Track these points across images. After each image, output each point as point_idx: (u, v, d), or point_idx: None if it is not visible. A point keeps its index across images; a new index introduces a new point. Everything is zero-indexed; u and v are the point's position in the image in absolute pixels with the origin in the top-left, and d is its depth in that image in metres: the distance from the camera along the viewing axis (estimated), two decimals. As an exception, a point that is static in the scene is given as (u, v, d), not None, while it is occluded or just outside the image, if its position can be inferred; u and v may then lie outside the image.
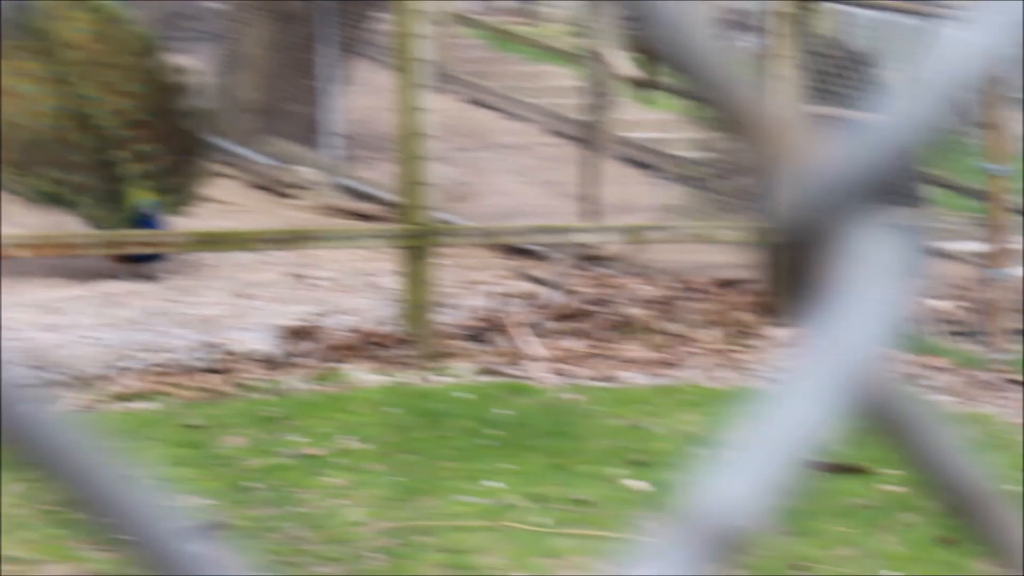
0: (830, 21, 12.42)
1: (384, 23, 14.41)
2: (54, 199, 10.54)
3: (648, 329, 9.38)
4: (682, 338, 9.24)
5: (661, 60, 0.78)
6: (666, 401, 7.98)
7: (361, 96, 14.42)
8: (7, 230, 9.13)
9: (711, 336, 9.29)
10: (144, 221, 10.33)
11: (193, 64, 11.31)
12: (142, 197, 10.58)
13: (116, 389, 8.06)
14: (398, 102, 8.95)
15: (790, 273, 0.79)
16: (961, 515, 0.83)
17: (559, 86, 15.14)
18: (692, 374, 8.64)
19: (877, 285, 0.78)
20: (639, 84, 12.88)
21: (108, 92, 10.79)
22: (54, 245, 8.38)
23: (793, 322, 0.78)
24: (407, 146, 8.84)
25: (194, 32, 14.68)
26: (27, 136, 10.56)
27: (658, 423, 7.50)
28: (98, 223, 10.52)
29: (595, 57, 12.13)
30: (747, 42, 11.77)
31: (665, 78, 12.53)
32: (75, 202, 10.62)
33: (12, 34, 10.52)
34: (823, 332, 0.77)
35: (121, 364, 8.46)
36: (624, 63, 11.73)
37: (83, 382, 8.19)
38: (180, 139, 11.03)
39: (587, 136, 12.28)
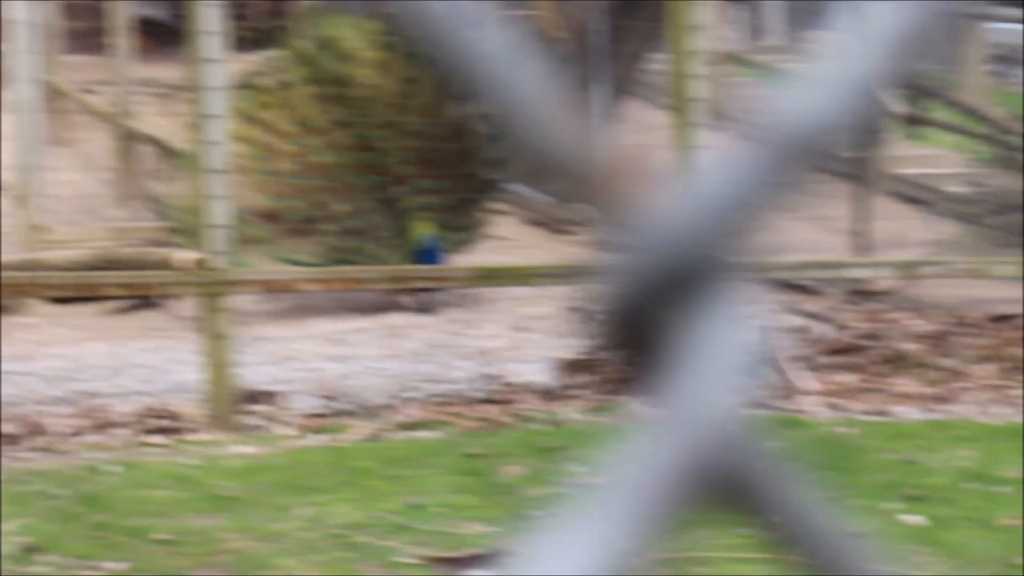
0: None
1: (655, 63, 14.60)
2: (339, 259, 10.77)
3: (921, 364, 9.35)
4: (956, 373, 9.19)
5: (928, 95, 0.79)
6: (940, 436, 7.96)
7: (632, 134, 14.63)
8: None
9: (985, 371, 9.22)
10: (426, 255, 10.65)
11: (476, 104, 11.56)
12: (424, 231, 10.91)
13: (400, 418, 8.35)
14: (674, 140, 9.11)
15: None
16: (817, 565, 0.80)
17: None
18: (966, 409, 8.59)
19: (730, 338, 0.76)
20: (909, 120, 12.82)
21: (395, 131, 11.11)
22: (341, 279, 8.75)
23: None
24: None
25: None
26: (306, 196, 10.87)
27: (932, 458, 7.48)
28: (382, 258, 10.86)
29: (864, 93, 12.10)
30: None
31: (935, 113, 12.47)
32: (360, 250, 10.91)
33: (302, 77, 10.96)
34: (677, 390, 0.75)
35: (405, 394, 8.75)
36: (894, 99, 11.70)
37: (369, 411, 8.51)
38: (467, 177, 11.31)
39: (858, 172, 12.27)
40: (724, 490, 0.76)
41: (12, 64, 11.48)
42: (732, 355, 0.77)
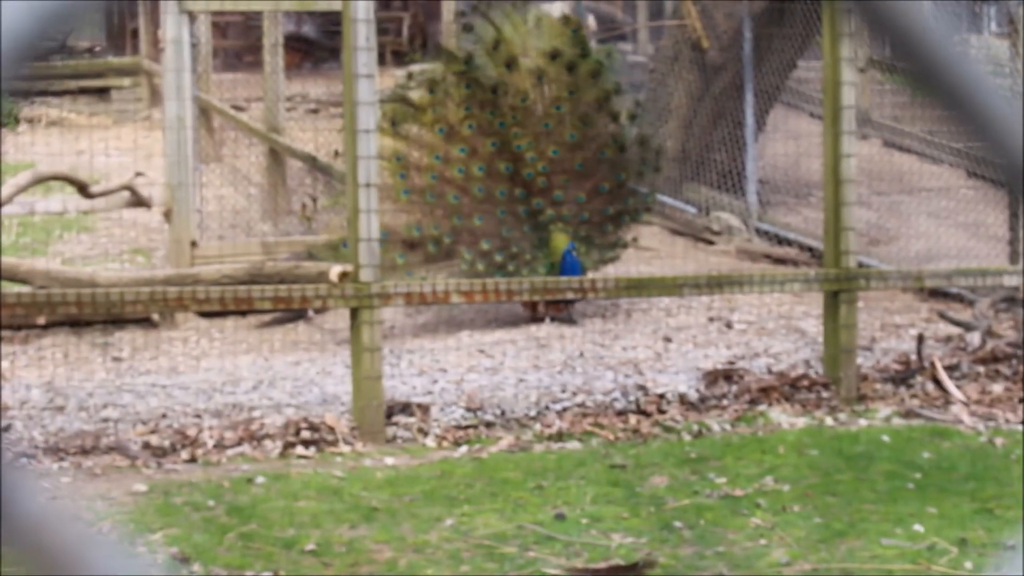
0: None
1: (802, 70, 14.46)
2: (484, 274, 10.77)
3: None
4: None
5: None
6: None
7: (779, 142, 14.52)
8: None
9: None
10: (567, 264, 10.67)
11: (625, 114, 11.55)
12: (561, 238, 10.93)
13: (545, 429, 8.36)
14: (825, 149, 9.05)
15: None
16: None
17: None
18: (1123, 419, 8.39)
19: None
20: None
21: (546, 141, 11.13)
22: (488, 291, 8.78)
23: None
24: (832, 192, 8.91)
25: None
26: (448, 214, 10.91)
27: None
28: (527, 269, 10.89)
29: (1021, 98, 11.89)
30: None
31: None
32: (503, 265, 10.94)
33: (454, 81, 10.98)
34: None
35: (550, 405, 8.76)
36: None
37: (516, 422, 8.53)
38: (614, 190, 11.30)
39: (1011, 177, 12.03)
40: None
41: (165, 82, 11.69)
42: None
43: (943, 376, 9.03)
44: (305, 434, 8.06)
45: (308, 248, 11.31)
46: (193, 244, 11.51)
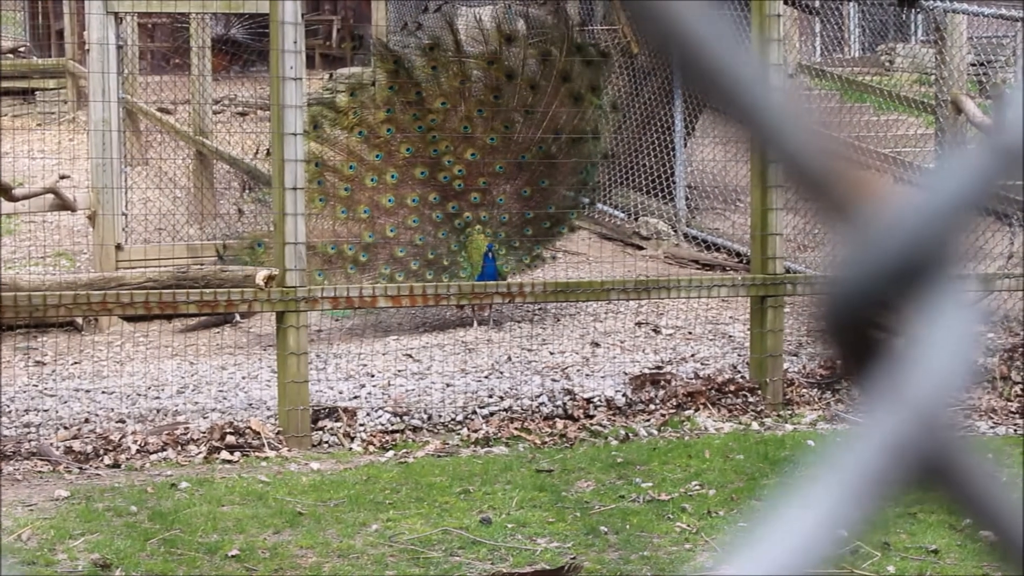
0: None
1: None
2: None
3: (1005, 378, 9.23)
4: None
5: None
6: (1014, 452, 7.85)
7: (708, 148, 14.57)
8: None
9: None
10: (485, 263, 10.68)
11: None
12: (480, 240, 10.92)
13: (473, 434, 8.35)
14: (752, 154, 9.07)
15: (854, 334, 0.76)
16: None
17: (909, 135, 14.97)
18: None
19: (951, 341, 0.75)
20: (989, 131, 12.66)
21: (469, 146, 11.11)
22: (415, 295, 8.75)
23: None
24: (760, 197, 8.95)
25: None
26: (371, 221, 10.88)
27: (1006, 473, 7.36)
28: (446, 275, 10.86)
29: (947, 105, 12.00)
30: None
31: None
32: (420, 271, 10.91)
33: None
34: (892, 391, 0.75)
35: (477, 410, 8.75)
36: (975, 110, 11.57)
37: (442, 427, 8.51)
38: (538, 191, 11.30)
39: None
40: (934, 484, 0.78)
41: (91, 84, 11.59)
42: (957, 356, 0.77)
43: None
44: (230, 439, 8.01)
45: (216, 248, 11.22)
46: (118, 247, 11.42)
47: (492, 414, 8.68)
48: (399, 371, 9.68)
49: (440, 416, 8.63)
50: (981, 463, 0.80)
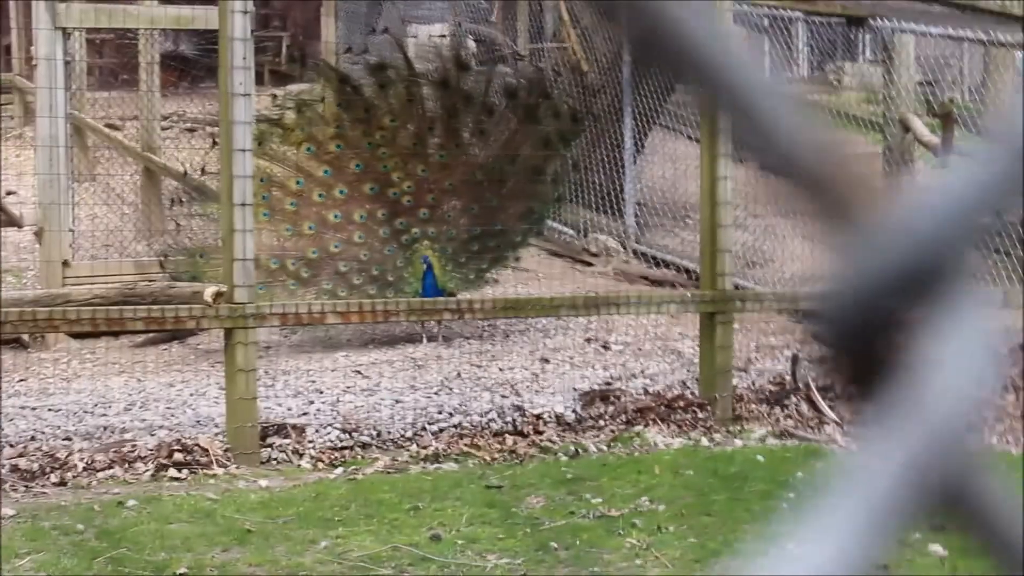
0: None
1: (680, 93, 14.57)
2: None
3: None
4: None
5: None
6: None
7: (657, 165, 14.61)
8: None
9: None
10: (425, 276, 10.72)
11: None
12: (423, 252, 10.94)
13: (422, 450, 8.33)
14: (702, 172, 9.10)
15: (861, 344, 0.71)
16: None
17: (858, 154, 15.03)
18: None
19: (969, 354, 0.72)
20: (937, 150, 12.75)
21: (418, 162, 11.11)
22: (365, 312, 8.72)
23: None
24: (709, 214, 8.97)
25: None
26: (318, 236, 10.86)
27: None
28: (391, 291, 10.85)
29: (895, 123, 12.07)
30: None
31: (963, 143, 12.38)
32: (363, 286, 10.90)
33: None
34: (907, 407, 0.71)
35: (427, 426, 8.73)
36: (923, 129, 11.64)
37: (392, 443, 8.49)
38: (485, 209, 11.30)
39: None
40: (948, 503, 0.73)
41: (38, 100, 11.51)
42: (976, 365, 0.73)
43: (817, 397, 9.11)
44: (178, 456, 7.96)
45: (160, 261, 11.16)
46: (65, 264, 11.33)
47: (442, 430, 8.66)
48: (348, 387, 9.64)
49: (389, 432, 8.60)
50: (1006, 488, 0.76)
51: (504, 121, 11.30)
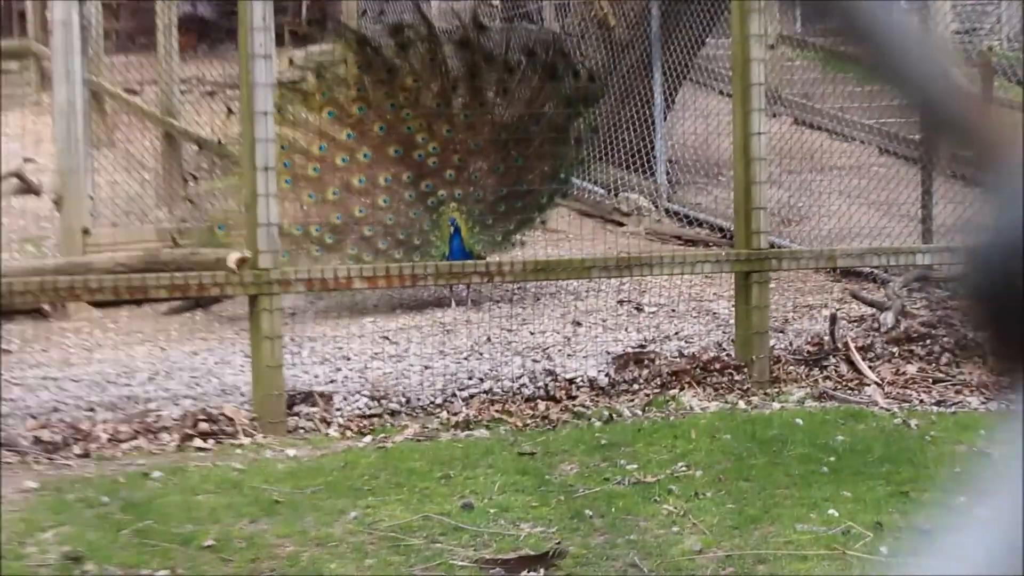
0: None
1: (710, 47, 14.35)
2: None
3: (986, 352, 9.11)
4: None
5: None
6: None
7: (688, 121, 14.41)
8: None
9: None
10: (452, 240, 10.59)
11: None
12: (451, 214, 10.81)
13: (452, 417, 8.19)
14: (735, 127, 8.90)
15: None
16: None
17: (893, 105, 14.80)
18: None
19: None
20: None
21: (443, 123, 10.96)
22: (392, 276, 8.55)
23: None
24: (743, 171, 8.76)
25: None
26: (343, 202, 10.73)
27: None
28: (418, 254, 10.73)
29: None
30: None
31: (999, 92, 12.15)
32: (389, 251, 10.78)
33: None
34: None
35: (457, 392, 8.59)
36: (960, 79, 11.43)
37: (421, 410, 8.35)
38: (511, 169, 11.16)
39: (922, 156, 11.98)
40: None
41: (55, 65, 11.36)
42: None
43: (856, 357, 8.92)
44: (203, 426, 7.83)
45: (171, 234, 11.04)
46: (85, 232, 11.20)
47: (472, 396, 8.51)
48: (376, 354, 9.51)
49: (419, 399, 8.47)
50: None
51: (525, 80, 11.13)
